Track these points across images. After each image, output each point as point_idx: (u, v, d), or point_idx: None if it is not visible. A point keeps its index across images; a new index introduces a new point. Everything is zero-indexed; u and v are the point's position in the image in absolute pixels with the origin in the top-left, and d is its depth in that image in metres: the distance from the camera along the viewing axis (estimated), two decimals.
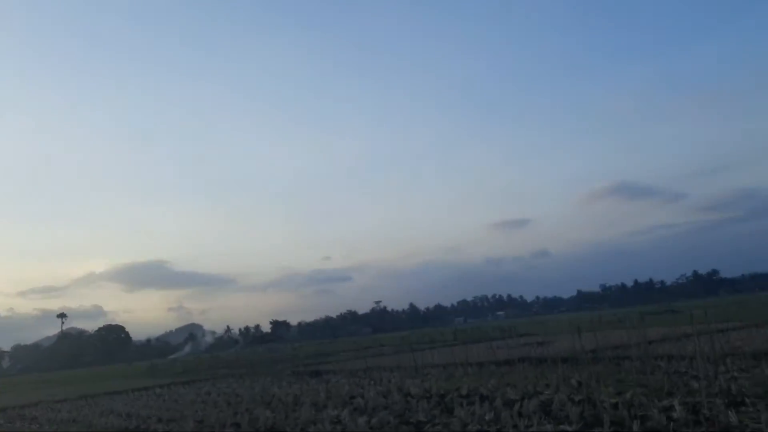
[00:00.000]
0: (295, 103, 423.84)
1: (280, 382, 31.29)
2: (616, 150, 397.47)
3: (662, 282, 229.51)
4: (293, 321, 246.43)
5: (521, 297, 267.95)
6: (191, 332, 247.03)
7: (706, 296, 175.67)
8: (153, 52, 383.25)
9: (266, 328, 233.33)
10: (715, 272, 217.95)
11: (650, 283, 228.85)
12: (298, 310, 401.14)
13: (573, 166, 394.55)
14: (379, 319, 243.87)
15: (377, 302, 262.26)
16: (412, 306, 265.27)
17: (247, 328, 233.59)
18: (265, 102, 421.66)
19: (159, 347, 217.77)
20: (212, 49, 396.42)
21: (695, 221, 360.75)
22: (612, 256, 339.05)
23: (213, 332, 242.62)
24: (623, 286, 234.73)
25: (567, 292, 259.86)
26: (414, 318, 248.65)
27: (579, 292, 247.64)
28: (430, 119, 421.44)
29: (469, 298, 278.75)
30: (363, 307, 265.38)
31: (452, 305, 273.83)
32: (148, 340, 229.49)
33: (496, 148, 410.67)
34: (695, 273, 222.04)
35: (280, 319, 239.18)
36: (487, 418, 13.88)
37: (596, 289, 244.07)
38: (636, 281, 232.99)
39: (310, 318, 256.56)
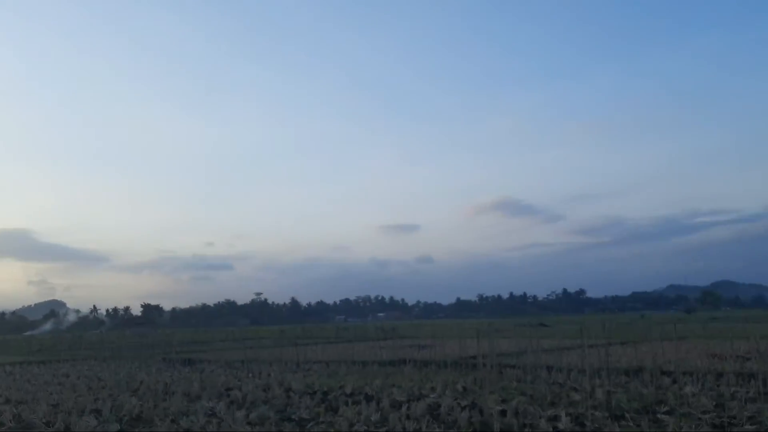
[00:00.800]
0: (193, 81, 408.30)
1: (149, 369, 29.29)
2: (505, 167, 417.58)
3: (534, 296, 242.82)
4: (167, 306, 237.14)
5: (403, 300, 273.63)
6: (53, 309, 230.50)
7: (573, 313, 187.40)
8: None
9: (137, 311, 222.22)
10: (582, 291, 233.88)
11: (524, 297, 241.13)
12: (174, 295, 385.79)
13: (464, 177, 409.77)
14: (259, 311, 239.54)
15: (258, 294, 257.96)
16: (293, 300, 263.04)
17: (115, 310, 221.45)
18: (161, 72, 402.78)
19: (14, 322, 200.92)
20: (116, 17, 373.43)
21: (568, 242, 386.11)
22: (491, 267, 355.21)
23: (77, 311, 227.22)
24: (499, 297, 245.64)
25: (446, 299, 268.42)
26: (295, 312, 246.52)
27: (458, 299, 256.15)
28: (329, 115, 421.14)
29: (352, 298, 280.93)
30: (243, 298, 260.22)
31: (334, 303, 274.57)
32: (3, 314, 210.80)
33: (393, 152, 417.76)
34: (565, 291, 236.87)
35: (153, 302, 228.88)
36: (373, 418, 13.33)
37: (474, 298, 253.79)
38: (511, 294, 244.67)
39: (185, 304, 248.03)
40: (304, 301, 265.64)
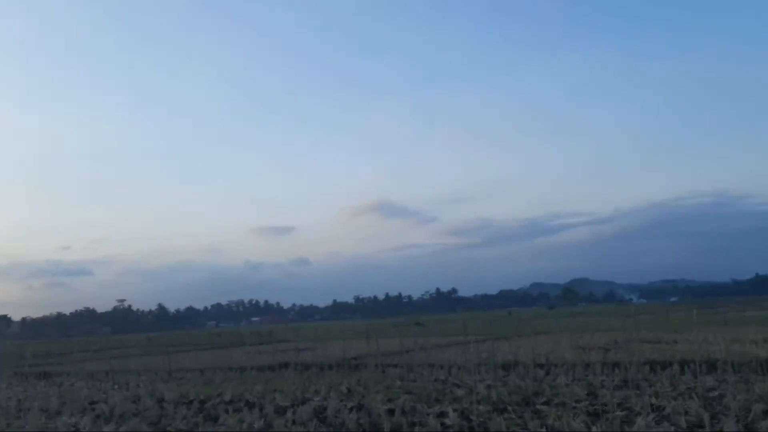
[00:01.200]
0: (44, 76, 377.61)
1: None
2: (383, 170, 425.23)
3: (410, 297, 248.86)
4: (16, 316, 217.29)
5: (278, 304, 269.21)
6: None
7: (446, 312, 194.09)
8: None
9: None
10: (454, 291, 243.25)
11: (399, 297, 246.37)
12: (24, 303, 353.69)
13: (340, 179, 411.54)
14: (122, 319, 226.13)
15: (121, 301, 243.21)
16: (160, 307, 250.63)
17: None
18: (7, 67, 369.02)
19: None
20: None
21: (441, 243, 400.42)
22: (367, 269, 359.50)
23: None
24: (375, 298, 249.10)
25: (323, 302, 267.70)
26: (162, 319, 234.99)
27: (335, 301, 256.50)
28: (198, 113, 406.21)
29: (224, 302, 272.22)
30: (103, 305, 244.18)
31: (206, 308, 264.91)
32: None
33: (267, 152, 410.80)
34: (438, 290, 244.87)
35: (0, 312, 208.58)
36: (257, 426, 12.73)
37: (351, 300, 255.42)
38: (387, 294, 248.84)
39: (37, 314, 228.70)
40: (172, 307, 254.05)
